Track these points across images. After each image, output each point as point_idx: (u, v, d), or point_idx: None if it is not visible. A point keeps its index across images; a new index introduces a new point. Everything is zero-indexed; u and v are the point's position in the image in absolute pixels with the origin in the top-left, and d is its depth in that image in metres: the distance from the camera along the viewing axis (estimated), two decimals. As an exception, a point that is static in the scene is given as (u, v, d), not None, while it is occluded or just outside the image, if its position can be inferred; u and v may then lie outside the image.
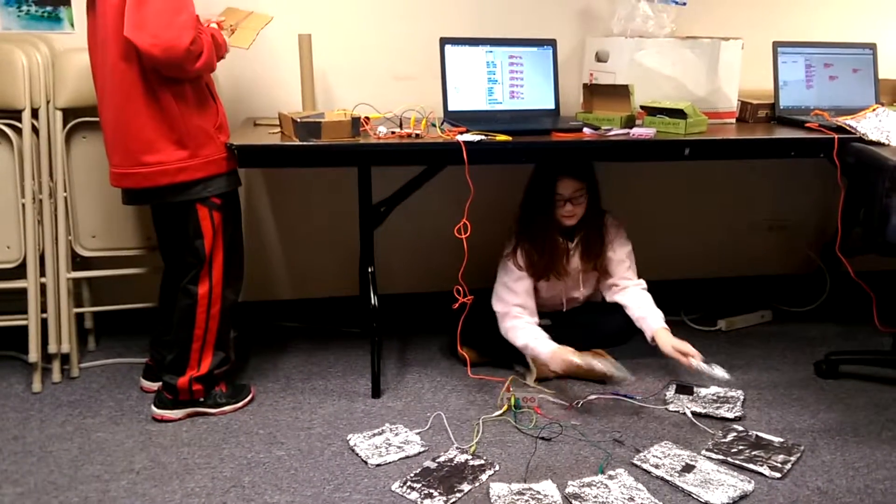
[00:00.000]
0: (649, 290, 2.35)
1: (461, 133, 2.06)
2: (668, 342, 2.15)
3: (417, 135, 2.05)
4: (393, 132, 2.06)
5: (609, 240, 2.36)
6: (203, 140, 1.92)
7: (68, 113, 2.26)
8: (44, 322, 2.29)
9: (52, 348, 2.29)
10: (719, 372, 2.08)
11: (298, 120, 1.94)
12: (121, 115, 1.88)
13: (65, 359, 2.33)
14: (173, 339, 2.07)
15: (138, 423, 2.08)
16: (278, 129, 2.16)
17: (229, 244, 2.05)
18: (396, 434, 2.02)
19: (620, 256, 2.35)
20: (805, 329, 2.77)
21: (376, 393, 2.25)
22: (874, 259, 2.49)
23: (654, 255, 2.48)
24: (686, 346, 2.12)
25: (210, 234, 1.99)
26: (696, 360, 2.09)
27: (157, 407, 2.09)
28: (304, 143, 1.94)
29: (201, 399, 2.11)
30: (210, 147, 1.93)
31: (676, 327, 2.24)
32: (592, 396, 2.24)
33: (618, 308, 2.36)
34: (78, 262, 2.38)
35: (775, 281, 3.07)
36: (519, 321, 2.26)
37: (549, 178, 2.24)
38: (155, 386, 2.17)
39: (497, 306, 2.30)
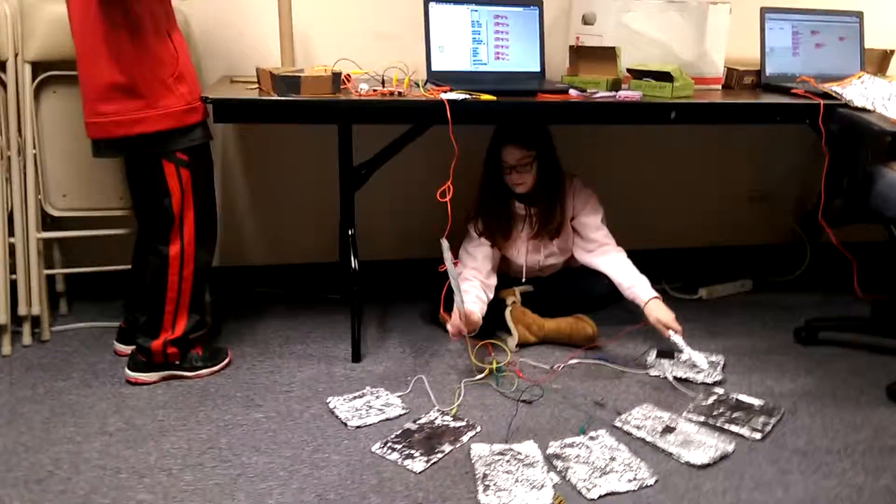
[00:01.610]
0: (633, 260, 2.31)
1: (445, 92, 2.01)
2: (654, 314, 2.15)
3: (400, 93, 2.00)
4: (375, 90, 2.01)
5: (578, 205, 2.34)
6: (160, 90, 1.84)
7: (38, 66, 2.17)
8: (13, 284, 2.22)
9: (21, 310, 2.22)
10: (698, 357, 2.08)
11: (277, 74, 1.88)
12: (82, 61, 1.84)
13: (35, 322, 2.27)
14: (146, 301, 2.02)
15: (112, 386, 2.03)
16: (256, 86, 2.09)
17: (201, 203, 1.99)
18: (377, 397, 2.00)
19: (595, 222, 2.34)
20: (785, 298, 2.79)
21: (356, 357, 2.22)
22: (854, 230, 2.50)
23: (635, 224, 2.47)
24: (669, 320, 2.12)
25: (178, 192, 1.93)
26: (676, 336, 2.10)
27: (131, 370, 2.04)
28: (283, 98, 1.88)
29: (177, 362, 2.06)
30: (169, 98, 1.85)
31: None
32: (573, 361, 2.23)
33: (594, 273, 2.35)
34: (49, 222, 2.31)
35: (756, 251, 3.08)
36: (466, 283, 2.23)
37: (496, 146, 2.26)
38: (129, 349, 2.12)
39: (456, 269, 2.28)
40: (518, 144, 2.22)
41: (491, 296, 2.28)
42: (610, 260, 2.31)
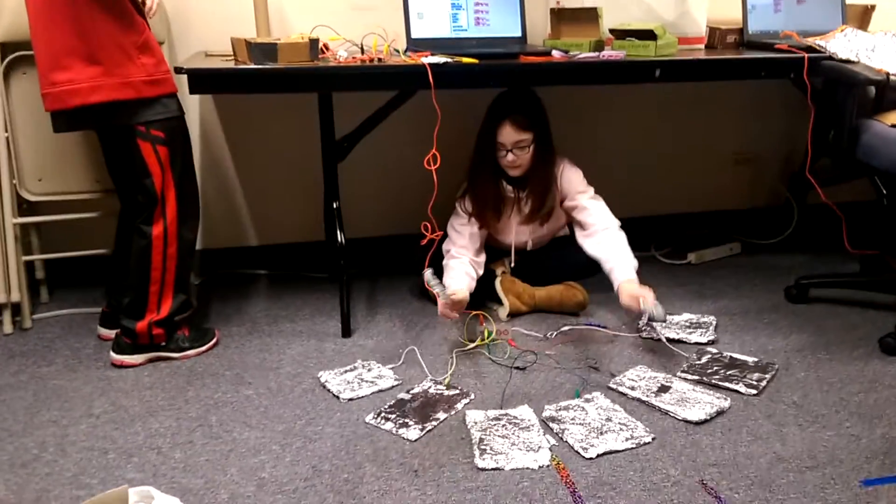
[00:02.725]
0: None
1: (426, 57, 1.97)
2: (622, 297, 2.01)
3: (380, 59, 1.96)
4: (355, 57, 1.97)
5: (567, 186, 2.27)
6: (120, 58, 1.76)
7: (7, 47, 2.11)
8: (-9, 271, 2.17)
9: (0, 298, 2.17)
10: (658, 310, 1.94)
11: (253, 42, 1.83)
12: (36, 28, 1.76)
13: (16, 309, 2.22)
14: (130, 282, 1.97)
15: (97, 370, 1.99)
16: (232, 58, 2.04)
17: (181, 181, 1.94)
18: (369, 370, 1.97)
19: (584, 203, 2.24)
20: (774, 259, 2.78)
21: (346, 333, 2.19)
22: (841, 190, 2.50)
23: (622, 192, 2.45)
24: (640, 291, 1.98)
25: (158, 171, 1.88)
26: (647, 302, 1.95)
27: (116, 352, 2.00)
28: (260, 67, 1.83)
29: (163, 343, 2.02)
30: (129, 67, 1.78)
31: (647, 262, 2.22)
32: (566, 328, 2.21)
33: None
34: (24, 207, 2.25)
35: (743, 215, 3.07)
36: (454, 261, 2.18)
37: (492, 124, 2.16)
38: (113, 333, 2.07)
39: (444, 245, 2.25)
40: (516, 124, 2.12)
41: (481, 272, 2.23)
42: (597, 242, 2.19)
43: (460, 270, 2.15)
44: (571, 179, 2.27)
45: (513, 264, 2.36)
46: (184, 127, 1.96)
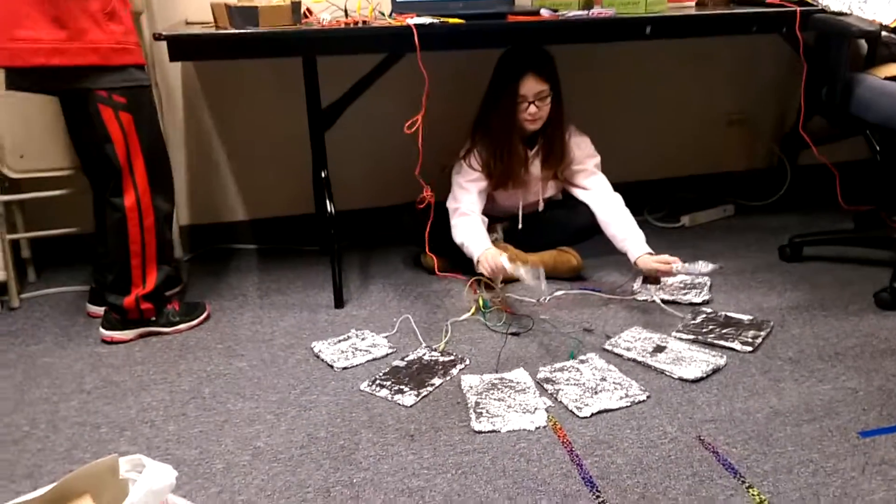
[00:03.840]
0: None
1: (411, 18, 1.93)
2: (650, 263, 2.07)
3: (365, 22, 1.92)
4: (338, 20, 1.93)
5: (578, 153, 2.26)
6: (86, 23, 1.71)
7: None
8: (-25, 251, 2.13)
9: (-14, 277, 2.14)
10: (703, 266, 2.04)
11: (232, 6, 1.79)
12: None
13: (2, 289, 2.19)
14: (111, 258, 1.93)
15: (87, 347, 1.96)
16: (213, 25, 1.99)
17: (149, 149, 1.87)
18: (363, 339, 1.95)
19: (592, 169, 2.26)
20: (767, 220, 2.77)
21: (339, 303, 2.16)
22: (833, 150, 2.48)
23: (615, 156, 2.41)
24: (666, 257, 2.05)
25: (120, 137, 1.82)
26: (678, 265, 2.02)
27: (106, 328, 1.97)
28: (241, 31, 1.79)
29: (153, 318, 2.00)
30: (95, 33, 1.72)
31: (641, 226, 2.18)
32: (560, 292, 2.19)
33: (580, 204, 2.30)
34: (6, 186, 2.21)
35: (736, 177, 3.05)
36: (465, 218, 2.15)
37: (511, 77, 2.10)
38: (102, 310, 2.04)
39: (449, 203, 2.20)
40: (538, 75, 2.07)
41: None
42: (606, 207, 2.21)
43: (481, 230, 2.11)
44: (580, 144, 2.27)
45: (521, 226, 2.33)
46: (150, 98, 1.90)
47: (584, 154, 2.27)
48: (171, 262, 2.02)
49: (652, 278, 2.19)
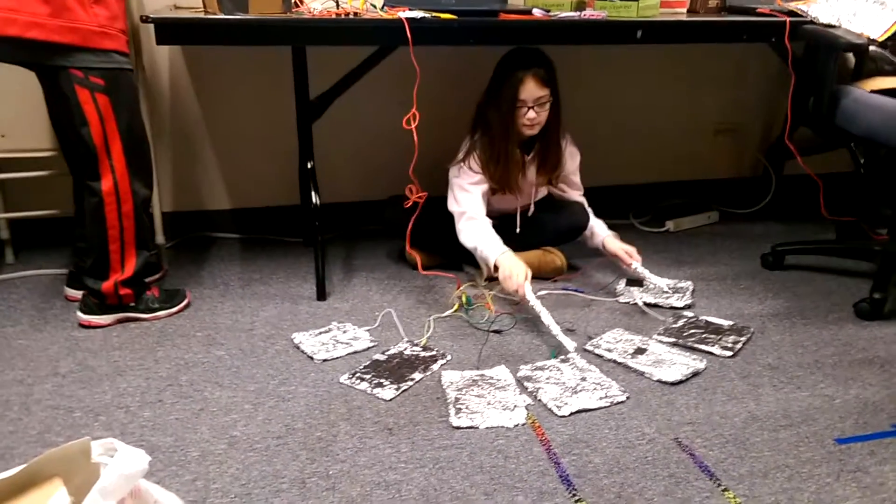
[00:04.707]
0: (600, 195, 2.38)
1: (403, 11, 1.92)
2: (613, 246, 2.22)
3: (356, 13, 1.91)
4: (329, 11, 1.91)
5: (569, 164, 2.30)
6: (70, 3, 1.67)
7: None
8: (-49, 230, 2.10)
9: (-38, 257, 2.10)
10: (660, 281, 2.15)
11: (224, -9, 1.77)
12: None
13: (-22, 270, 2.16)
14: (90, 242, 1.90)
15: (63, 330, 1.93)
16: (201, 10, 1.97)
17: (127, 133, 1.84)
18: (344, 331, 1.94)
19: (576, 179, 2.36)
20: (751, 228, 2.79)
21: (321, 295, 2.15)
22: (818, 161, 2.51)
23: (603, 160, 2.43)
24: (632, 249, 2.18)
25: (96, 119, 1.78)
26: (637, 263, 2.16)
27: (83, 312, 1.95)
28: (230, 17, 1.77)
29: (132, 304, 1.97)
30: (78, 13, 1.68)
31: (625, 230, 2.23)
32: (543, 292, 2.19)
33: (567, 205, 2.32)
34: (-13, 165, 2.18)
35: (721, 185, 3.07)
36: (474, 222, 2.12)
37: (512, 81, 2.06)
38: (80, 294, 2.01)
39: (452, 206, 2.17)
40: (538, 80, 2.04)
41: None
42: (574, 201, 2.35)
43: (492, 233, 2.10)
44: (575, 156, 2.32)
45: (518, 229, 2.33)
46: (131, 81, 1.86)
47: (573, 167, 2.33)
48: (150, 248, 1.99)
49: (636, 281, 2.20)
